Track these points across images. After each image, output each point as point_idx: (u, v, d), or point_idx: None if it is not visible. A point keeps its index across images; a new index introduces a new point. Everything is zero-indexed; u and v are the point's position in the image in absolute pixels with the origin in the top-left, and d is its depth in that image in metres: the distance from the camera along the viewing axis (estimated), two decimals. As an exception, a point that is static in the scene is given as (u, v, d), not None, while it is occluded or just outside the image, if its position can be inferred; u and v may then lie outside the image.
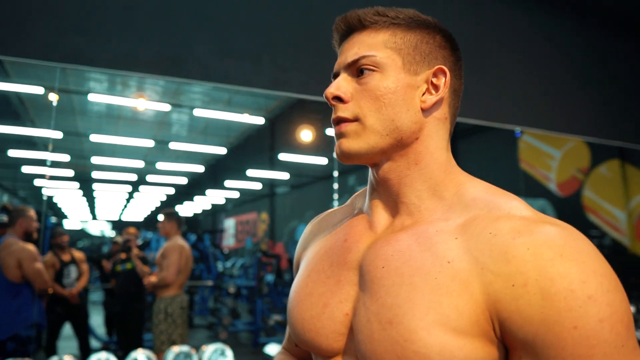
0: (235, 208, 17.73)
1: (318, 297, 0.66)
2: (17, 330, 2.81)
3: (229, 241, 16.64)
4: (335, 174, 9.63)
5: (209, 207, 20.01)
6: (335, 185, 9.94)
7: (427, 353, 0.51)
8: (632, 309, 3.58)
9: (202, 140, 11.11)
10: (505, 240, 0.52)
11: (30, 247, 2.97)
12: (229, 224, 17.31)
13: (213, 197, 17.71)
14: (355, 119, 0.63)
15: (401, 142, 0.63)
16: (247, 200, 16.31)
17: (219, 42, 1.57)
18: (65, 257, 4.43)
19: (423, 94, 0.63)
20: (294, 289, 0.71)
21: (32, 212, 3.05)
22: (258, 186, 14.24)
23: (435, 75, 0.64)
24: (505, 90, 2.50)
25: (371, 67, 0.62)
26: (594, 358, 0.46)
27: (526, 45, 2.55)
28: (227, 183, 14.33)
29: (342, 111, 0.63)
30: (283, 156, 10.25)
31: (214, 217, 19.89)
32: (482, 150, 6.52)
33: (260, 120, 9.50)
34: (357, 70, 0.64)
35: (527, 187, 5.61)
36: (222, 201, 18.20)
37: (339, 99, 0.64)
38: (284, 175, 12.41)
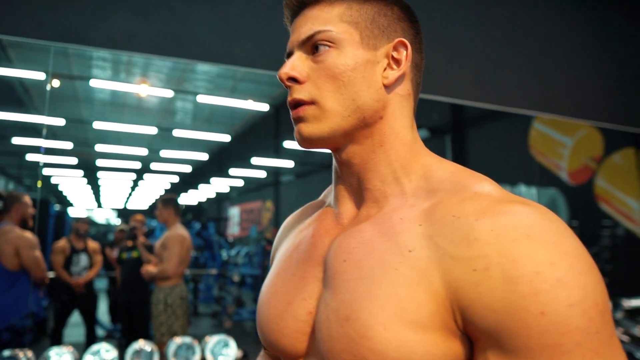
0: (239, 196, 17.72)
1: (283, 296, 0.61)
2: (13, 320, 2.77)
3: (233, 229, 16.64)
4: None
5: (213, 196, 20.02)
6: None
7: (383, 350, 0.47)
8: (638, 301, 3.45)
9: (206, 127, 11.02)
10: (468, 222, 0.47)
11: (29, 234, 2.91)
12: (234, 212, 17.29)
13: (217, 186, 17.70)
14: (313, 102, 0.58)
15: (364, 122, 0.58)
16: (252, 188, 16.28)
17: (221, 21, 1.48)
18: (79, 245, 4.41)
19: (384, 70, 0.59)
20: (262, 288, 0.67)
21: (27, 198, 2.98)
22: (263, 174, 14.20)
23: (395, 49, 0.59)
24: (516, 74, 2.40)
25: (327, 43, 0.58)
26: (565, 347, 0.41)
27: (538, 27, 2.44)
28: (232, 171, 14.30)
29: (298, 93, 0.59)
30: (288, 144, 10.15)
31: (219, 205, 19.90)
32: (492, 137, 6.42)
33: (264, 107, 9.40)
34: (312, 47, 0.59)
35: (538, 176, 5.51)
36: (227, 189, 18.19)
37: (294, 79, 0.59)
38: (289, 164, 12.34)
